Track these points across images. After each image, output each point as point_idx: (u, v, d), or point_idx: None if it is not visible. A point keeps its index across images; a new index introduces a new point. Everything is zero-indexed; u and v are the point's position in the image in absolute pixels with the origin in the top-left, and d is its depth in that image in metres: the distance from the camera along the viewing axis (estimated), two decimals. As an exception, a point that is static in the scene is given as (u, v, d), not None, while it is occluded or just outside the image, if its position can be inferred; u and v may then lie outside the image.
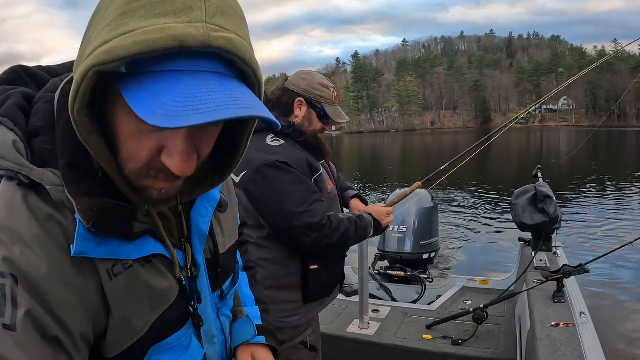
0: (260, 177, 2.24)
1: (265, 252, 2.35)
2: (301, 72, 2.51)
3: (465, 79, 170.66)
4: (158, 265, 0.98)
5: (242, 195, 2.30)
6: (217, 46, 0.73)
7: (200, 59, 0.74)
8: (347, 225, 2.37)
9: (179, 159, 0.81)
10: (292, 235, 2.25)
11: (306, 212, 2.22)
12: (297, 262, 2.37)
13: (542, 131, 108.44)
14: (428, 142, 75.54)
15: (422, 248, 5.40)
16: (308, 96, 2.43)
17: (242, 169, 2.29)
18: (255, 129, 2.07)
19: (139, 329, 0.96)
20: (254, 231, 2.35)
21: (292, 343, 2.45)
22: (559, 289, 3.00)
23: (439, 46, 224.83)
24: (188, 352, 1.07)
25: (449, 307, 4.36)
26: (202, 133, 0.84)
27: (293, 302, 2.41)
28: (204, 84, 0.73)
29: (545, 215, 3.75)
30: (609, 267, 7.76)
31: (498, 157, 35.71)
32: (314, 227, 2.23)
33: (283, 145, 2.34)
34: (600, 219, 12.13)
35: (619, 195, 16.01)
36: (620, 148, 43.89)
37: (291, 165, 2.27)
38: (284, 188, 2.23)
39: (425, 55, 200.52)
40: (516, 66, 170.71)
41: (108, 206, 0.85)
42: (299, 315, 2.44)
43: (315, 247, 2.27)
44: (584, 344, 2.39)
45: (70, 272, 0.85)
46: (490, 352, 3.48)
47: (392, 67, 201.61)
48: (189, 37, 0.71)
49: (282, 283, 2.38)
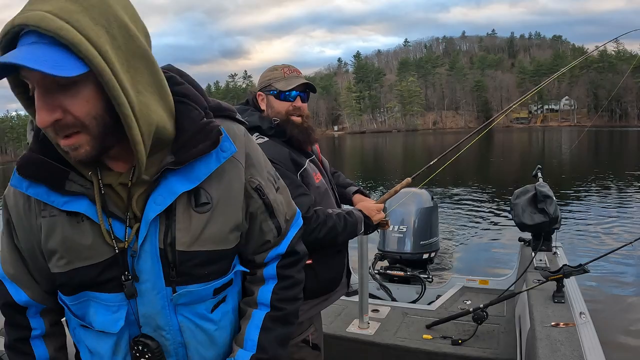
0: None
1: None
2: (263, 73, 2.59)
3: (467, 79, 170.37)
4: (85, 225, 1.19)
5: None
6: (20, 24, 0.96)
7: (27, 35, 0.97)
8: (335, 220, 2.38)
9: (37, 112, 1.02)
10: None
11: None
12: None
13: (544, 131, 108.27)
14: (430, 142, 75.56)
15: (422, 248, 5.40)
16: (262, 87, 2.51)
17: None
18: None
19: (59, 267, 1.22)
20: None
21: (293, 341, 2.43)
22: (558, 289, 2.99)
23: (441, 46, 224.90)
24: (113, 316, 1.24)
25: (448, 307, 4.36)
26: (59, 93, 1.01)
27: None
28: (19, 50, 0.97)
29: (545, 215, 3.74)
30: (608, 267, 7.76)
31: (499, 157, 35.73)
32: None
33: (266, 142, 2.36)
34: (600, 219, 12.12)
35: (619, 195, 16.00)
36: (621, 148, 43.81)
37: (273, 160, 2.18)
38: None
39: (427, 56, 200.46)
40: (518, 66, 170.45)
41: (35, 159, 1.17)
42: (300, 312, 2.42)
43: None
44: (584, 344, 2.39)
45: (24, 205, 1.23)
46: (490, 352, 3.48)
47: (394, 67, 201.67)
48: (14, 21, 0.96)
49: None
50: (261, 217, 1.40)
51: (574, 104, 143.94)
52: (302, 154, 2.48)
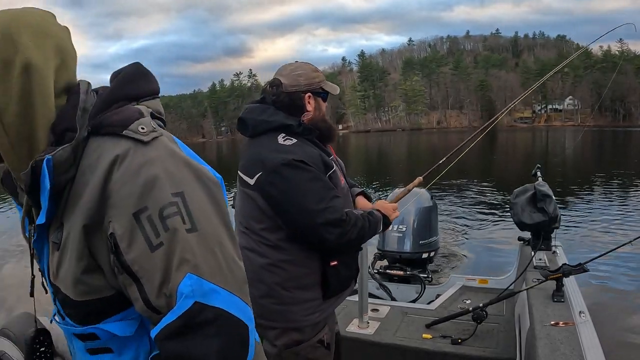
0: (278, 177, 2.26)
1: (284, 253, 2.37)
2: (292, 71, 2.51)
3: (471, 79, 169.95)
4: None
5: (258, 197, 2.33)
6: None
7: None
8: (363, 221, 2.40)
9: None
10: (315, 233, 2.26)
11: (327, 209, 2.24)
12: (317, 260, 2.39)
13: (547, 130, 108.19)
14: (434, 141, 75.56)
15: (422, 247, 5.41)
16: (312, 88, 2.47)
17: (257, 170, 2.33)
18: (264, 129, 2.37)
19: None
20: (271, 233, 2.37)
21: (310, 342, 2.47)
22: (558, 288, 3.00)
23: (445, 45, 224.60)
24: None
25: (448, 306, 4.36)
26: None
27: (313, 300, 2.43)
28: None
29: (545, 215, 3.74)
30: (608, 266, 7.74)
31: (500, 156, 35.71)
32: (336, 223, 2.26)
33: (296, 143, 2.35)
34: (600, 218, 12.12)
35: (619, 195, 15.98)
36: (624, 148, 43.74)
37: (308, 163, 2.28)
38: (303, 186, 2.25)
39: (432, 55, 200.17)
40: (522, 66, 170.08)
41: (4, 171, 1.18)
42: (319, 312, 2.46)
43: (337, 244, 2.30)
44: (583, 343, 2.39)
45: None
46: (490, 351, 3.47)
47: (398, 66, 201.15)
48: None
49: (303, 283, 2.40)
50: (122, 279, 1.04)
51: (578, 104, 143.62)
52: (325, 152, 2.49)
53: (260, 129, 2.42)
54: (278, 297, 2.39)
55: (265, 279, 2.39)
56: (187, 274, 0.98)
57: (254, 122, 2.44)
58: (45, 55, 1.07)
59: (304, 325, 2.42)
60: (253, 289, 2.30)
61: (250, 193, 2.37)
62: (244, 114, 2.52)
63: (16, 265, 11.42)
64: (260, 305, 2.38)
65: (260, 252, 2.40)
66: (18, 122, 1.04)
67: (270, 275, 2.38)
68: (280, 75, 2.51)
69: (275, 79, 2.49)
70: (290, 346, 2.44)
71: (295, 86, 2.45)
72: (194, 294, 0.97)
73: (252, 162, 2.39)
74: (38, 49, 1.05)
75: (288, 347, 2.44)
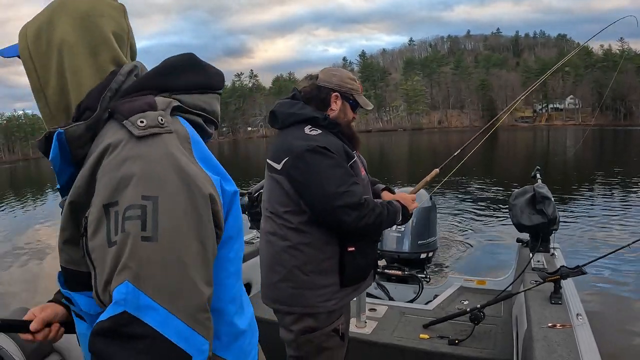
0: (302, 161, 2.44)
1: (305, 236, 2.52)
2: (329, 70, 2.79)
3: (472, 78, 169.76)
4: None
5: (284, 181, 2.51)
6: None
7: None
8: (381, 209, 2.53)
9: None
10: (334, 214, 2.39)
11: (346, 193, 2.38)
12: (335, 246, 2.53)
13: (549, 130, 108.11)
14: (435, 140, 75.54)
15: (420, 247, 5.40)
16: (342, 90, 2.69)
17: (283, 156, 2.51)
18: (293, 121, 2.60)
19: None
20: (294, 216, 2.52)
21: (325, 330, 2.58)
22: (556, 290, 3.00)
23: (446, 45, 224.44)
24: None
25: (446, 306, 4.35)
26: None
27: (330, 286, 2.54)
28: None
29: (544, 217, 3.72)
30: (606, 268, 7.77)
31: (501, 157, 35.68)
32: (354, 206, 2.39)
33: (321, 133, 2.54)
34: (598, 220, 12.11)
35: (619, 197, 15.95)
36: (624, 147, 43.66)
37: (330, 150, 2.46)
38: (324, 171, 2.41)
39: (432, 55, 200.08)
40: (523, 65, 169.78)
41: None
42: (334, 300, 2.57)
43: (354, 226, 2.42)
44: (580, 346, 2.39)
45: None
46: (487, 353, 3.47)
47: (399, 66, 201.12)
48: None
49: (321, 267, 2.52)
50: (87, 261, 1.04)
51: (579, 103, 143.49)
52: (349, 147, 2.66)
53: (289, 121, 2.62)
54: (296, 281, 2.53)
55: (285, 262, 2.55)
56: (125, 281, 0.93)
57: (284, 115, 2.65)
58: (80, 35, 1.18)
59: (319, 311, 2.53)
60: (273, 273, 2.65)
61: (277, 177, 2.55)
62: (275, 107, 2.71)
63: (18, 266, 11.48)
64: (278, 290, 2.61)
65: (281, 235, 2.57)
66: (56, 95, 1.20)
67: (289, 257, 2.54)
68: (320, 72, 2.79)
69: (313, 73, 2.76)
70: (305, 332, 2.56)
71: (326, 82, 2.69)
72: (126, 303, 0.92)
73: (280, 150, 2.56)
74: (74, 30, 1.17)
75: (303, 334, 2.56)
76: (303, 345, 2.58)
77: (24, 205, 25.76)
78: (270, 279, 2.66)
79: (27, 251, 12.68)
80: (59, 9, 1.19)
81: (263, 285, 2.78)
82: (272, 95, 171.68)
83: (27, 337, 1.41)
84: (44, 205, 24.57)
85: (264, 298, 2.78)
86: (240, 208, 1.21)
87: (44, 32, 1.19)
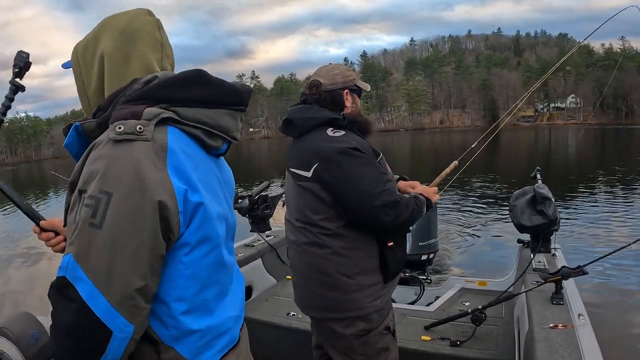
0: (335, 164, 2.41)
1: (345, 240, 2.48)
2: (328, 72, 2.71)
3: (473, 78, 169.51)
4: None
5: (317, 187, 2.47)
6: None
7: None
8: (413, 204, 2.53)
9: None
10: (373, 215, 2.37)
11: (383, 192, 2.37)
12: (374, 244, 2.51)
13: (550, 129, 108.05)
14: (437, 140, 75.49)
15: (421, 249, 5.39)
16: (349, 85, 2.67)
17: (312, 162, 2.47)
18: (313, 125, 2.55)
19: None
20: (331, 222, 2.49)
21: (378, 329, 2.56)
22: (557, 291, 3.00)
23: (447, 45, 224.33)
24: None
25: (447, 308, 4.34)
26: None
27: (375, 284, 2.53)
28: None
29: (544, 217, 3.72)
30: (607, 269, 7.75)
31: (502, 156, 35.66)
32: (392, 204, 2.39)
33: (346, 134, 2.50)
34: (600, 220, 12.08)
35: (620, 196, 15.93)
36: (625, 146, 43.62)
37: (361, 150, 2.44)
38: (359, 171, 2.39)
39: (434, 55, 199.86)
40: (524, 65, 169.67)
41: None
42: (381, 298, 2.56)
43: (393, 225, 2.42)
44: (582, 346, 2.39)
45: None
46: (489, 354, 3.46)
47: (401, 66, 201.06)
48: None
49: (365, 268, 2.50)
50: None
51: (580, 102, 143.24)
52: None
53: (308, 125, 2.56)
54: (342, 287, 2.50)
55: (328, 270, 2.51)
56: (70, 253, 1.16)
57: (302, 120, 2.59)
58: (117, 47, 1.43)
59: (370, 312, 2.51)
60: (315, 282, 2.60)
61: (307, 185, 2.51)
62: (290, 114, 2.65)
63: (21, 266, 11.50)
64: (324, 298, 2.57)
65: (320, 244, 2.52)
66: (95, 96, 1.47)
67: (332, 264, 2.50)
68: (318, 76, 2.70)
69: (314, 81, 2.67)
70: (360, 336, 2.53)
71: (333, 84, 2.64)
72: (66, 270, 1.15)
73: (306, 156, 2.52)
74: (112, 43, 1.43)
75: (357, 337, 2.53)
76: (359, 348, 2.56)
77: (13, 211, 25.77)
78: (312, 289, 2.62)
79: (27, 253, 12.70)
80: (103, 27, 1.47)
81: (302, 296, 2.75)
82: (273, 96, 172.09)
83: (35, 229, 1.75)
84: (46, 207, 24.58)
85: (305, 309, 2.75)
86: (214, 218, 1.33)
87: (90, 46, 1.47)
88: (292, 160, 2.64)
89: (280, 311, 4.40)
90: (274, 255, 5.24)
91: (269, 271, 5.17)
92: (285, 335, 4.11)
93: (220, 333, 1.41)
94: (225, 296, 1.46)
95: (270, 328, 4.13)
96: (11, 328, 2.32)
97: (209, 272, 1.35)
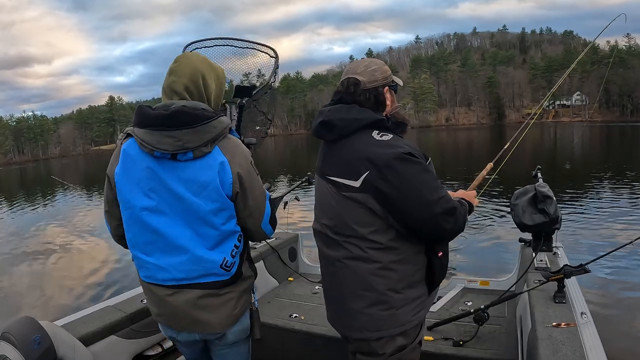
0: (391, 171, 2.18)
1: (396, 253, 2.30)
2: (366, 67, 2.45)
3: (478, 76, 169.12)
4: None
5: (368, 198, 2.25)
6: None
7: None
8: (463, 210, 2.38)
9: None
10: (436, 223, 2.22)
11: (442, 199, 2.22)
12: (423, 255, 2.36)
13: (556, 126, 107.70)
14: (444, 138, 75.34)
15: None
16: (388, 82, 2.44)
17: (361, 170, 2.25)
18: (356, 127, 2.36)
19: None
20: (382, 235, 2.29)
21: (413, 344, 2.44)
22: (559, 289, 2.99)
23: (452, 43, 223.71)
24: None
25: (449, 308, 4.32)
26: None
27: (421, 296, 2.40)
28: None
29: (546, 216, 3.71)
30: (609, 266, 7.74)
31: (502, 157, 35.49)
32: (451, 211, 2.24)
33: (394, 138, 2.31)
34: (602, 218, 12.06)
35: (622, 193, 15.92)
36: (630, 143, 43.42)
37: (415, 155, 2.24)
38: (418, 178, 2.20)
39: (439, 52, 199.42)
40: (529, 62, 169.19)
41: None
42: (424, 310, 2.44)
43: (451, 232, 2.29)
44: (585, 344, 2.39)
45: None
46: (491, 353, 3.45)
47: (406, 64, 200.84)
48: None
49: (412, 280, 2.35)
50: None
51: (586, 100, 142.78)
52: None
53: (352, 127, 2.32)
54: (388, 302, 2.32)
55: (376, 286, 2.32)
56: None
57: (343, 122, 2.34)
58: (217, 84, 2.41)
59: (411, 326, 2.37)
60: (358, 300, 2.42)
61: (355, 196, 2.29)
62: (327, 115, 2.40)
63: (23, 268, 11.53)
64: (366, 316, 2.36)
65: (367, 258, 2.31)
66: (215, 104, 2.41)
67: (381, 280, 2.31)
68: (354, 74, 2.43)
69: (351, 79, 2.42)
70: (395, 353, 2.38)
71: (373, 82, 2.39)
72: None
73: (351, 164, 2.30)
74: (214, 82, 2.39)
75: (393, 355, 2.38)
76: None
77: (33, 205, 25.93)
78: (354, 307, 2.39)
79: (35, 250, 12.76)
80: (210, 70, 2.38)
81: (340, 316, 2.53)
82: (280, 94, 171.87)
83: None
84: (54, 205, 24.69)
85: (344, 329, 2.54)
86: (124, 194, 2.26)
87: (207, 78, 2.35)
88: (329, 167, 2.42)
89: (283, 313, 4.38)
90: (275, 257, 5.23)
91: (271, 273, 5.16)
92: (287, 337, 4.09)
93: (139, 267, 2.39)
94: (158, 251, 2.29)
95: (273, 330, 4.11)
96: (13, 332, 2.33)
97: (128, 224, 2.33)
